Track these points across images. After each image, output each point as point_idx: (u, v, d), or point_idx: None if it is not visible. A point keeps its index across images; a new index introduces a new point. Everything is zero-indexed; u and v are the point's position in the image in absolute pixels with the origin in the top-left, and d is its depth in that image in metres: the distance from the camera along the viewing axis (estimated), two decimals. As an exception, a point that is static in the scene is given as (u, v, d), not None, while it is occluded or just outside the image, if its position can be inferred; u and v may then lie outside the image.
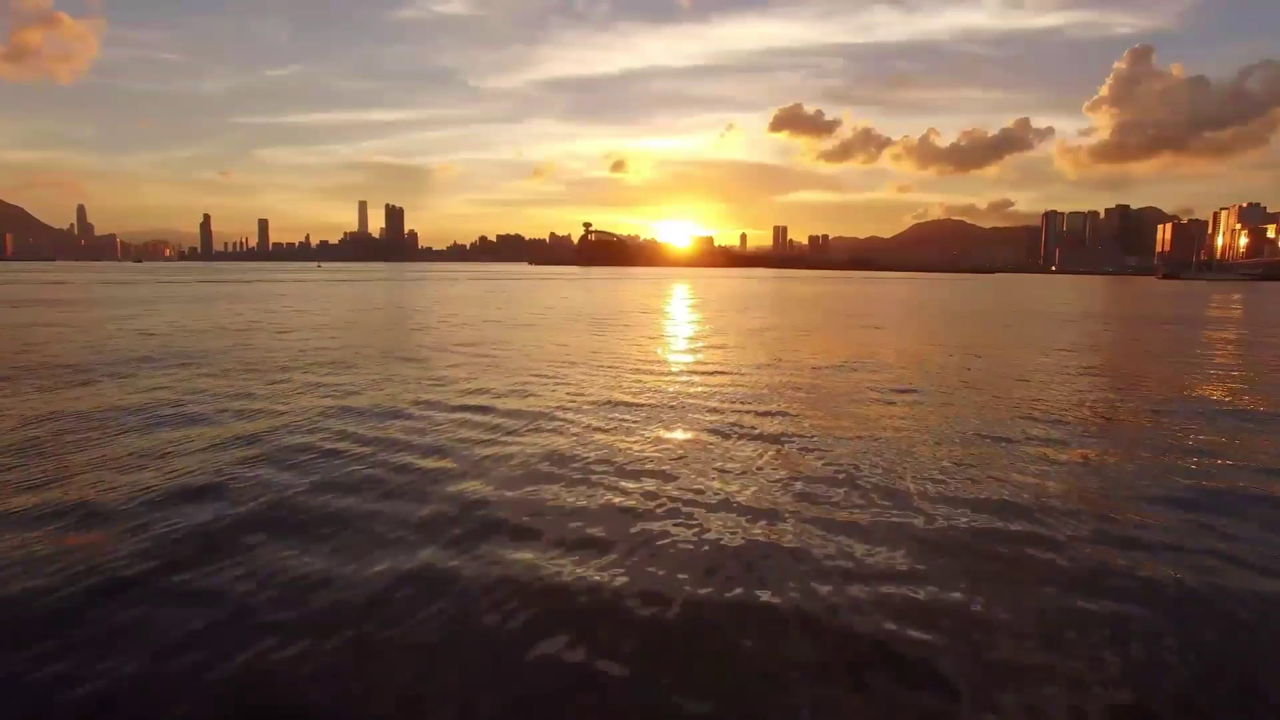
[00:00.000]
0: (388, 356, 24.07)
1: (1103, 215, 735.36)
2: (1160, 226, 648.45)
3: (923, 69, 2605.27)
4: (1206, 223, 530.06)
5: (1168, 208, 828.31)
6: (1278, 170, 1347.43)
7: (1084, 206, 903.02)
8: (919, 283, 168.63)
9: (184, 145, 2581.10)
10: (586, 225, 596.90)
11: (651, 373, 21.44)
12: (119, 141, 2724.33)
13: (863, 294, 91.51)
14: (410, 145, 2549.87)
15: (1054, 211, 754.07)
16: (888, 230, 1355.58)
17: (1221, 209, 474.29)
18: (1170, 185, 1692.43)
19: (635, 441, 12.90)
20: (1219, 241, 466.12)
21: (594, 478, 10.65)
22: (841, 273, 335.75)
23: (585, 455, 11.92)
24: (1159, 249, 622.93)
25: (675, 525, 8.80)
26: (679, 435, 13.52)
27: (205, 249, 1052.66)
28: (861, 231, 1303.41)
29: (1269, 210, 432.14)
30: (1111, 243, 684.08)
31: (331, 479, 10.45)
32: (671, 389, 18.69)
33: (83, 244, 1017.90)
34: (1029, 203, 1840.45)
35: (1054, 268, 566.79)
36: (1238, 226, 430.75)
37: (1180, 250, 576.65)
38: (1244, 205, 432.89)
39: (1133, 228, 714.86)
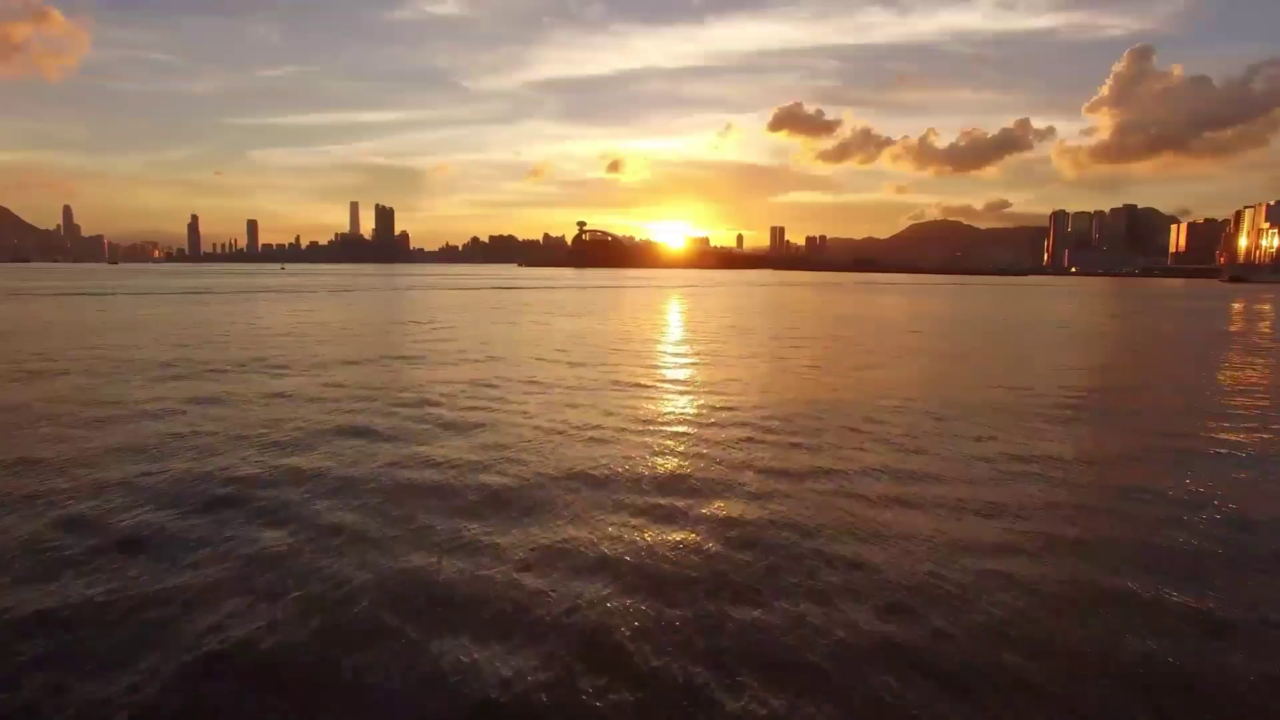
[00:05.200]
0: None
1: (1108, 215, 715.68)
2: (1174, 226, 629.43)
3: (917, 70, 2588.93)
4: (1226, 222, 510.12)
5: (1165, 208, 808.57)
6: (1275, 170, 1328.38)
7: (1081, 207, 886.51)
8: (942, 289, 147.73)
9: (176, 146, 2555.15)
10: (580, 224, 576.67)
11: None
12: (110, 142, 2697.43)
13: (897, 310, 70.09)
14: (404, 146, 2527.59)
15: (1062, 211, 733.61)
16: (884, 231, 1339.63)
17: (1245, 207, 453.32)
18: (1167, 186, 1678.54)
19: None
20: (1242, 243, 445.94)
21: None
22: (846, 275, 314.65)
23: None
24: (1173, 249, 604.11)
25: None
26: None
27: (193, 250, 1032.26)
28: (858, 232, 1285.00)
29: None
30: (1119, 243, 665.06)
31: None
32: None
33: (69, 245, 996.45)
34: (1025, 203, 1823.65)
35: (1074, 269, 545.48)
36: (1265, 225, 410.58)
37: (1196, 251, 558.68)
38: (1271, 203, 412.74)
39: (1140, 228, 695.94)
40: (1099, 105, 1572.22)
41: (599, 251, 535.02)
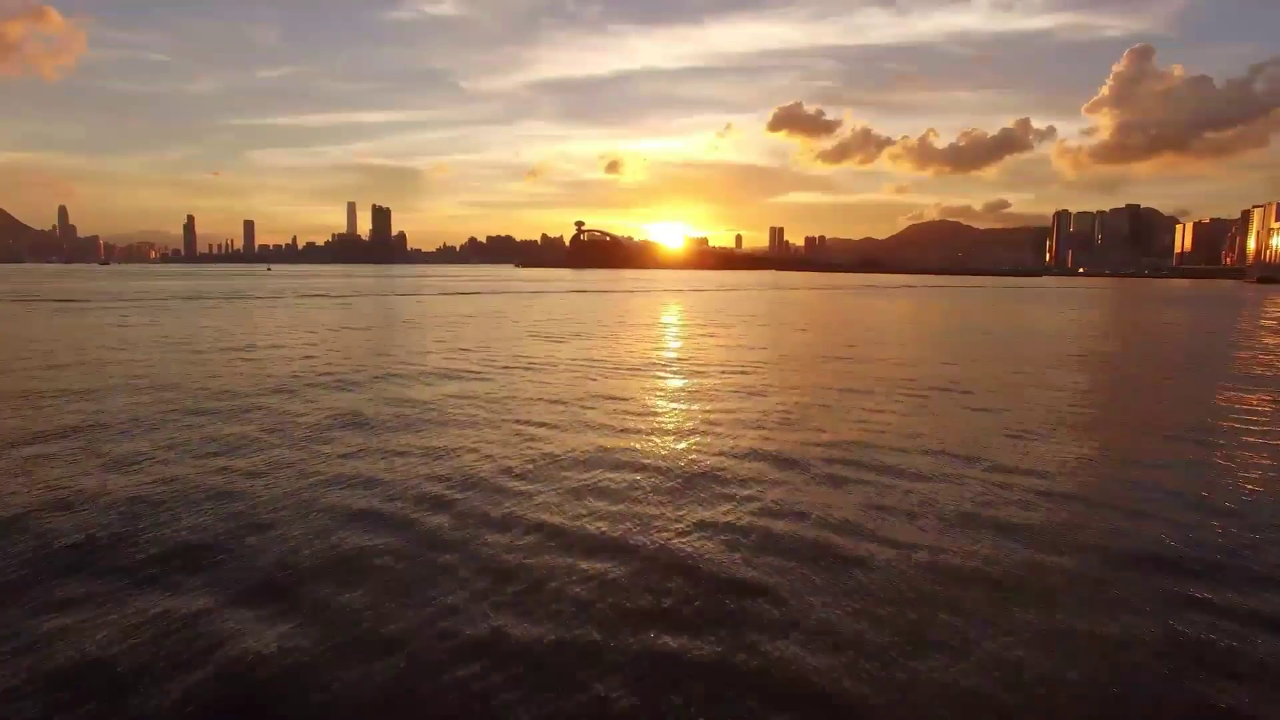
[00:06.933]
0: None
1: (1110, 215, 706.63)
2: (1179, 226, 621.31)
3: (916, 70, 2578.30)
4: (1232, 222, 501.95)
5: (1164, 208, 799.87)
6: (1275, 170, 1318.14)
7: (1080, 207, 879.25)
8: (976, 293, 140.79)
9: (174, 146, 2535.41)
10: (579, 224, 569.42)
11: None
12: (107, 142, 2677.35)
13: (999, 322, 62.80)
14: (402, 147, 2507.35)
15: (1065, 211, 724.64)
16: (883, 231, 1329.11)
17: (1254, 207, 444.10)
18: (1166, 186, 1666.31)
19: None
20: (1250, 243, 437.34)
21: None
22: (853, 276, 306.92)
23: None
24: (1178, 249, 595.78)
25: None
26: None
27: (189, 251, 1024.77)
28: (856, 233, 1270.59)
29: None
30: (1122, 243, 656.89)
31: None
32: None
33: (64, 246, 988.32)
34: (1025, 204, 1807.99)
35: (1081, 270, 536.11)
36: (1276, 225, 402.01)
37: (1201, 251, 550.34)
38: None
39: (1143, 228, 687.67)
40: (1099, 105, 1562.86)
41: (597, 252, 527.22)
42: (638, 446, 15.59)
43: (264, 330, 41.82)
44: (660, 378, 25.65)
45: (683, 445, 15.76)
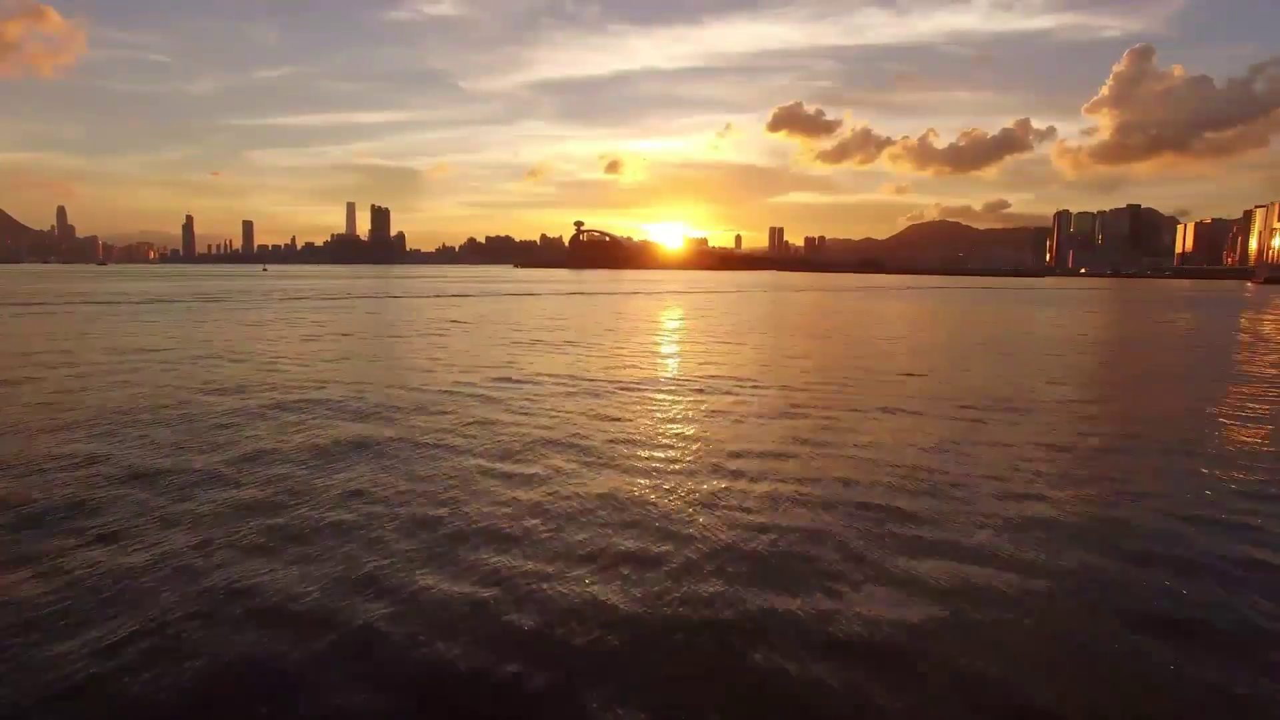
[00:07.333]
0: None
1: (1110, 215, 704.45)
2: (1180, 226, 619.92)
3: (915, 71, 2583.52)
4: (1234, 222, 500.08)
5: (1164, 209, 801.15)
6: (1275, 170, 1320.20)
7: (1080, 207, 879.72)
8: (983, 297, 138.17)
9: (173, 147, 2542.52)
10: (578, 224, 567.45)
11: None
12: (106, 142, 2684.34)
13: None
14: (401, 147, 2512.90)
15: (1065, 211, 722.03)
16: (883, 231, 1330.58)
17: (1257, 207, 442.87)
18: (1166, 186, 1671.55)
19: None
20: (1252, 243, 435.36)
21: None
22: (855, 277, 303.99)
23: None
24: (1179, 249, 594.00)
25: None
26: None
27: (188, 251, 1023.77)
28: (856, 233, 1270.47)
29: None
30: (1122, 243, 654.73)
31: None
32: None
33: (63, 246, 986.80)
34: (1024, 204, 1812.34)
35: (1083, 270, 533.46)
36: (1278, 225, 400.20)
37: (1202, 251, 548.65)
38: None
39: (1143, 228, 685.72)
40: (1099, 106, 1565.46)
41: (596, 252, 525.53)
42: (649, 515, 12.29)
43: (228, 338, 39.23)
44: (675, 399, 22.45)
45: (715, 498, 13.16)
